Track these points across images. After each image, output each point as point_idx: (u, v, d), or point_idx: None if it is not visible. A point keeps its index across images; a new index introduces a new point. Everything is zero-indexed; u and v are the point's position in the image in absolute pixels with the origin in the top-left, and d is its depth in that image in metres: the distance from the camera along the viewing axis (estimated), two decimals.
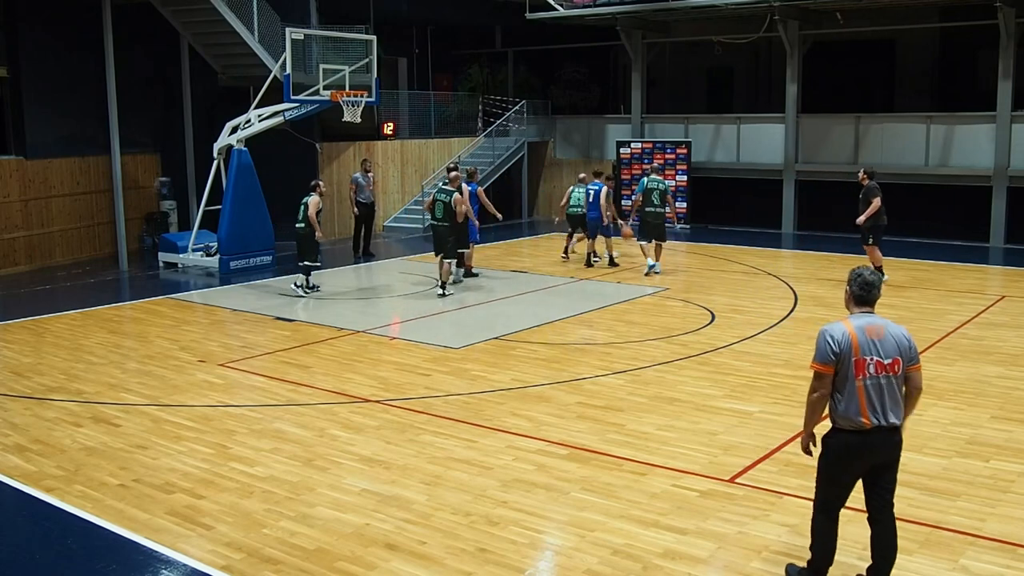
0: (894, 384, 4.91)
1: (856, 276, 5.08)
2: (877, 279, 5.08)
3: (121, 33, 16.90)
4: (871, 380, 4.85)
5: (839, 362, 4.87)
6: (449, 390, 9.10)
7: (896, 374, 4.90)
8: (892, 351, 4.90)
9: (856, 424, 4.88)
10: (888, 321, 5.02)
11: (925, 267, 16.00)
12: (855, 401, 4.85)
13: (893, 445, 5.00)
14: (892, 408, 4.90)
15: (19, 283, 15.64)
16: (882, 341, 4.89)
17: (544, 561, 5.72)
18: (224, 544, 5.83)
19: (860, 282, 5.04)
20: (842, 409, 4.90)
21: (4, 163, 16.70)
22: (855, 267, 5.19)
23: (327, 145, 20.29)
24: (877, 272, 5.18)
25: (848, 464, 4.99)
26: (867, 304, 5.03)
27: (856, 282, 5.05)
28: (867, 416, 4.85)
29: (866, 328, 4.92)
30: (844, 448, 4.95)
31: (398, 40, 23.44)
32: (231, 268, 16.17)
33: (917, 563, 5.44)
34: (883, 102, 22.19)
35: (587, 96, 26.90)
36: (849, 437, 4.92)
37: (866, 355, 4.85)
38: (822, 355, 4.91)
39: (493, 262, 16.54)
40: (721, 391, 8.93)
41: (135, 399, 8.96)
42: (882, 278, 5.11)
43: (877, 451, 4.96)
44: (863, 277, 5.05)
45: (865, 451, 4.94)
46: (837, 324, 4.97)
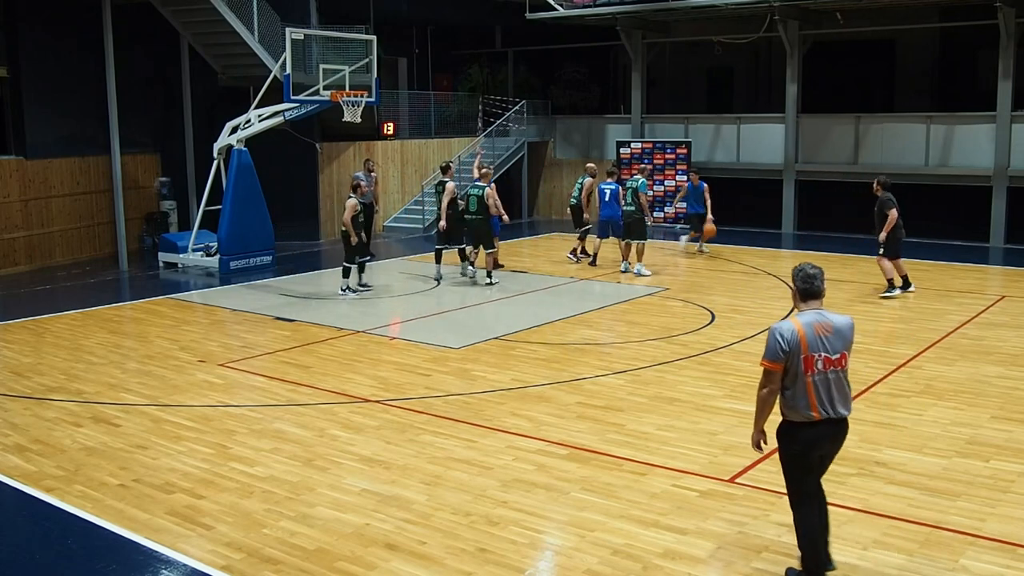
0: (841, 377, 5.09)
1: (798, 271, 5.16)
2: (819, 272, 5.14)
3: (121, 33, 16.90)
4: (819, 376, 5.02)
5: (788, 359, 4.99)
6: (449, 390, 9.10)
7: (843, 368, 5.09)
8: (840, 346, 5.07)
9: (806, 416, 5.04)
10: (835, 315, 5.15)
11: (925, 267, 15.98)
12: (804, 396, 5.02)
13: (840, 435, 5.20)
14: (840, 401, 5.09)
15: (19, 283, 15.64)
16: (830, 337, 5.04)
17: (544, 561, 5.72)
18: (224, 544, 5.83)
19: (802, 276, 5.12)
20: (792, 404, 5.06)
21: (4, 163, 16.69)
22: (797, 263, 5.24)
23: (327, 145, 20.29)
24: (819, 267, 5.20)
25: (806, 452, 5.14)
26: (813, 297, 5.11)
27: (799, 276, 5.14)
28: (816, 410, 5.02)
29: (815, 325, 5.03)
30: (796, 438, 5.11)
31: (398, 40, 23.43)
32: (231, 268, 16.17)
33: (917, 563, 5.44)
34: (883, 102, 22.20)
35: (587, 96, 26.90)
36: (801, 429, 5.09)
37: (814, 352, 5.00)
38: (772, 353, 5.02)
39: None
40: (721, 391, 8.93)
41: (135, 399, 8.96)
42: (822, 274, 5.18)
43: (826, 441, 5.15)
44: (804, 271, 5.13)
45: (817, 441, 5.11)
46: (786, 322, 5.06)
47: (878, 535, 5.80)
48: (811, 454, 5.14)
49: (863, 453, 7.21)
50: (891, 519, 6.04)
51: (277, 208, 17.23)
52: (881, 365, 9.70)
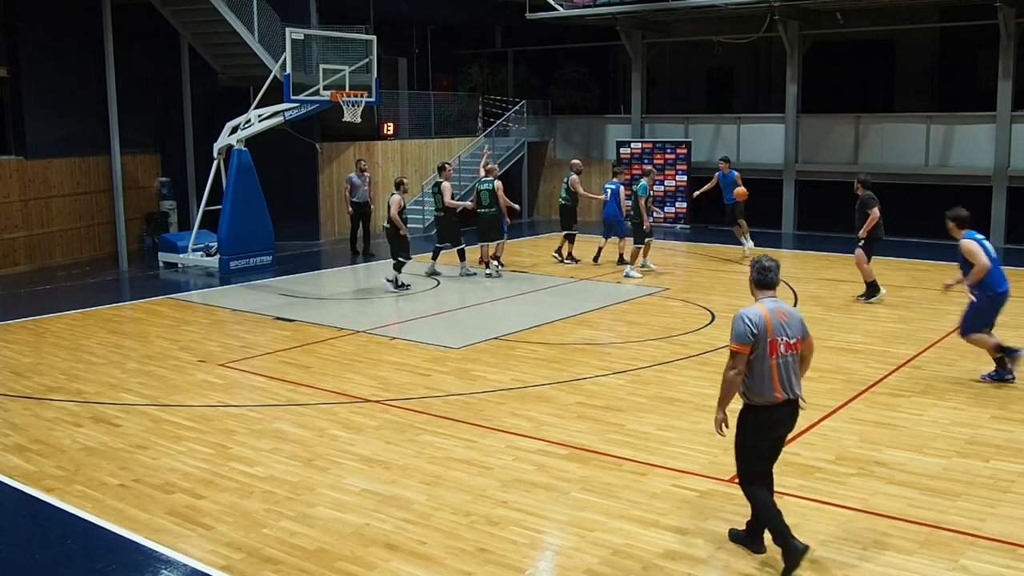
0: (796, 361, 5.44)
1: (754, 263, 5.54)
2: (774, 264, 5.49)
3: (121, 33, 16.90)
4: (781, 359, 5.33)
5: (756, 342, 5.27)
6: (449, 390, 9.10)
7: (798, 351, 5.43)
8: (796, 331, 5.42)
9: (769, 399, 5.31)
10: (789, 305, 5.59)
11: (925, 267, 15.99)
12: (769, 379, 5.29)
13: (795, 415, 5.50)
14: (796, 382, 5.42)
15: (19, 283, 15.64)
16: (788, 323, 5.39)
17: (544, 561, 5.72)
18: (224, 544, 5.83)
19: (758, 268, 5.50)
20: (756, 387, 5.31)
21: (4, 163, 16.69)
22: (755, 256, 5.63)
23: (327, 145, 20.28)
24: (775, 261, 5.55)
25: (764, 435, 5.43)
26: (768, 288, 5.49)
27: (755, 268, 5.52)
28: (779, 391, 5.31)
29: (776, 311, 5.39)
30: (760, 421, 5.38)
31: (398, 40, 23.43)
32: (231, 268, 16.17)
33: (917, 563, 5.44)
34: (883, 102, 22.20)
35: (587, 96, 26.90)
36: (763, 411, 5.35)
37: (778, 336, 5.33)
38: (740, 336, 5.29)
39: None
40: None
41: (135, 399, 8.96)
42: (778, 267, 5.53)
43: (786, 421, 5.45)
44: (760, 263, 5.50)
45: (777, 422, 5.41)
46: (753, 308, 5.38)
47: (878, 535, 5.80)
48: (772, 435, 5.45)
49: (863, 453, 7.21)
50: (891, 519, 6.03)
51: (277, 208, 17.23)
52: (881, 365, 9.70)
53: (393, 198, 14.14)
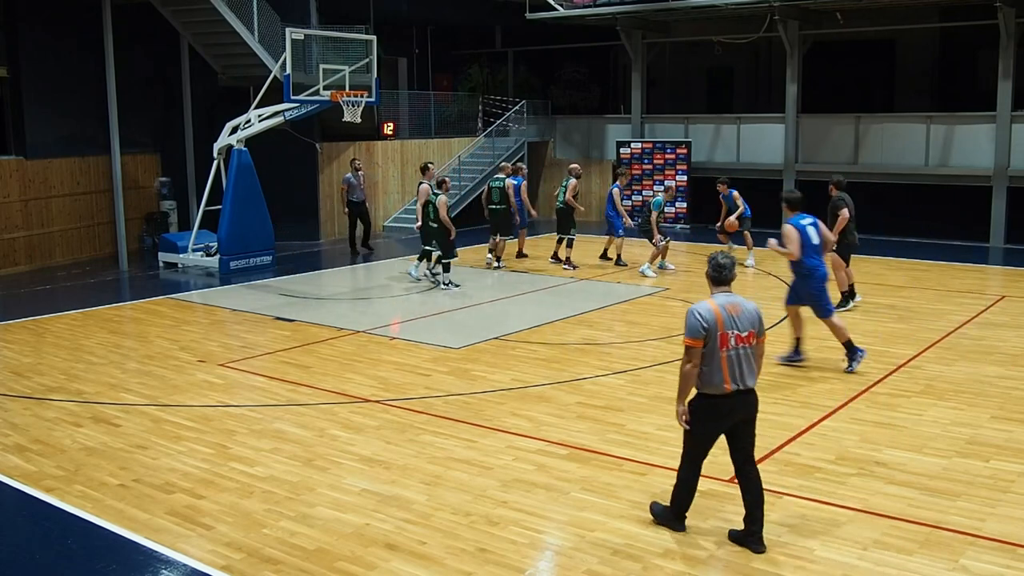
0: (749, 353, 5.63)
1: (710, 260, 5.81)
2: (729, 262, 5.75)
3: (121, 33, 16.90)
4: (732, 352, 5.56)
5: (707, 336, 5.53)
6: (449, 390, 9.10)
7: (751, 344, 5.63)
8: (747, 325, 5.63)
9: (720, 390, 5.56)
10: (742, 298, 5.75)
11: (925, 267, 15.99)
12: (719, 370, 5.54)
13: (750, 404, 5.70)
14: (748, 374, 5.62)
15: (19, 283, 15.64)
16: (739, 317, 5.61)
17: (544, 561, 5.72)
18: (224, 544, 5.83)
19: (713, 265, 5.77)
20: (708, 378, 5.57)
21: (4, 163, 16.69)
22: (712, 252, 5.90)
23: (327, 145, 20.29)
24: (731, 258, 5.82)
25: (714, 424, 5.69)
26: (723, 284, 5.75)
27: (711, 265, 5.79)
28: (728, 382, 5.55)
29: (727, 306, 5.63)
30: (711, 410, 5.64)
31: (398, 40, 23.43)
32: (231, 268, 16.17)
33: (917, 563, 5.44)
34: (883, 102, 22.19)
35: (587, 96, 26.90)
36: (714, 401, 5.61)
37: (728, 330, 5.56)
38: (693, 331, 5.56)
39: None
40: None
41: (135, 399, 8.96)
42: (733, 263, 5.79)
43: (738, 411, 5.66)
44: (716, 260, 5.78)
45: (728, 411, 5.63)
46: (704, 303, 5.64)
47: (878, 535, 5.80)
48: (723, 424, 5.67)
49: (863, 453, 7.21)
50: (891, 519, 6.04)
51: (277, 208, 17.24)
52: (881, 365, 9.70)
53: (440, 199, 14.06)
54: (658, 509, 6.01)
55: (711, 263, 5.79)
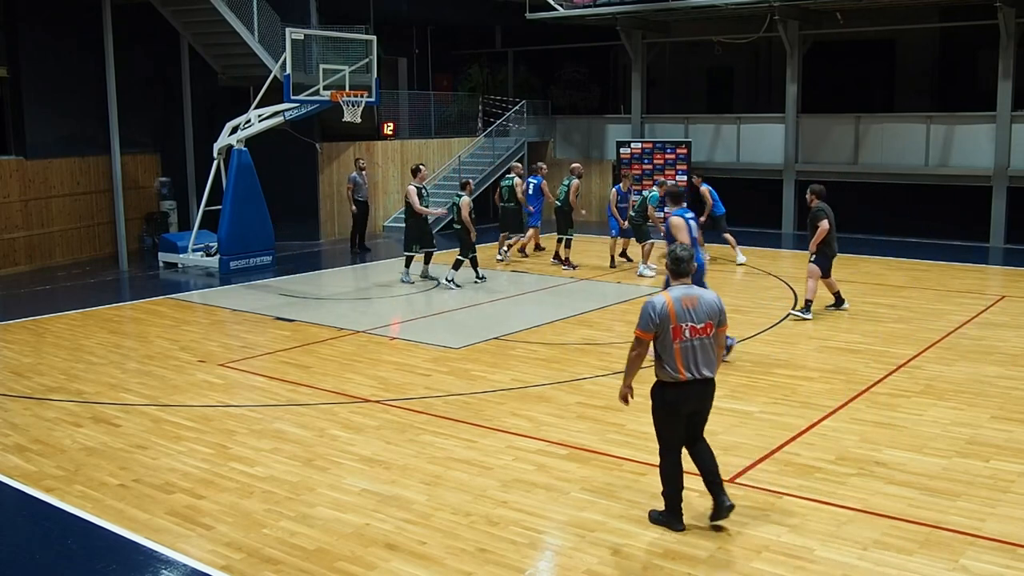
0: (707, 344, 5.80)
1: (669, 253, 6.02)
2: (688, 254, 5.94)
3: (121, 33, 16.90)
4: (686, 343, 5.74)
5: (659, 329, 5.73)
6: (449, 390, 9.10)
7: (708, 335, 5.80)
8: (704, 317, 5.79)
9: (675, 378, 5.77)
10: (703, 290, 5.97)
11: (925, 267, 15.99)
12: (673, 360, 5.75)
13: (707, 394, 5.92)
14: (704, 364, 5.79)
15: (19, 283, 15.64)
16: (696, 309, 5.78)
17: (544, 561, 5.72)
18: (224, 544, 5.83)
19: (672, 258, 5.97)
20: (664, 367, 5.80)
21: (4, 163, 16.69)
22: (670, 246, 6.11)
23: (327, 145, 20.29)
24: (688, 251, 6.01)
25: (674, 409, 5.86)
26: (682, 276, 5.93)
27: (669, 258, 6.00)
28: (683, 371, 5.75)
29: (682, 299, 5.79)
30: (670, 397, 5.84)
31: (398, 40, 23.43)
32: (231, 268, 16.17)
33: (917, 563, 5.44)
34: (883, 102, 22.19)
35: (587, 96, 26.90)
36: (671, 388, 5.82)
37: (682, 322, 5.73)
38: (644, 324, 5.77)
39: (493, 262, 16.53)
40: (721, 391, 8.85)
41: (135, 399, 8.96)
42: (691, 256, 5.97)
43: (694, 399, 5.86)
44: (674, 254, 5.97)
45: (684, 399, 5.83)
46: (658, 297, 5.83)
47: (878, 535, 5.80)
48: (680, 410, 5.85)
49: (863, 453, 7.21)
50: (891, 519, 6.04)
51: (277, 208, 17.23)
52: (881, 365, 9.70)
53: (463, 200, 14.27)
54: (655, 515, 6.09)
55: (671, 256, 5.99)
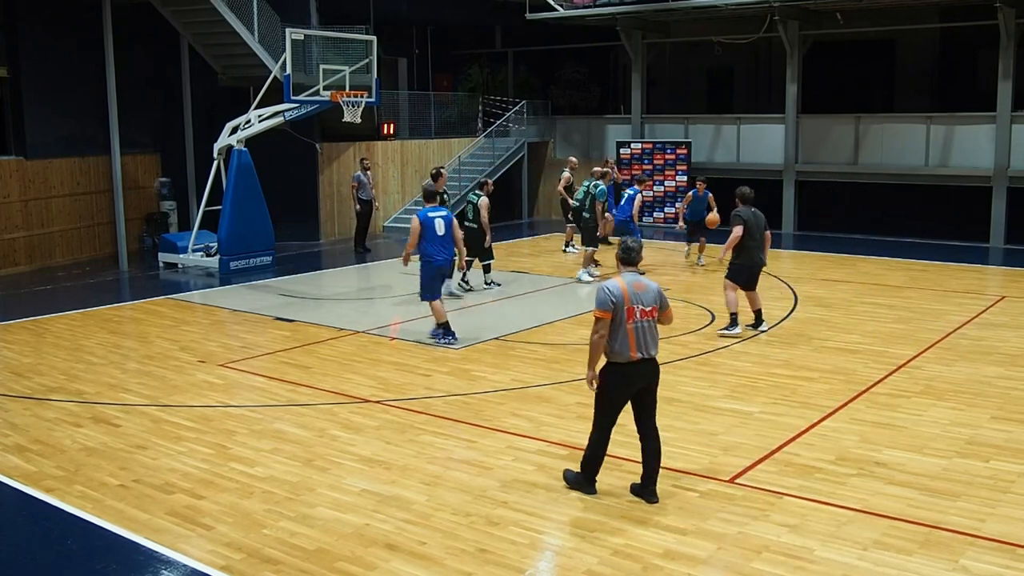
0: (653, 325, 6.37)
1: (621, 243, 6.54)
2: (638, 245, 6.49)
3: (121, 33, 16.90)
4: (637, 324, 6.23)
5: (615, 310, 6.20)
6: (449, 390, 9.10)
7: (654, 318, 6.36)
8: (651, 301, 6.33)
9: (627, 357, 6.22)
10: (646, 278, 6.48)
11: (924, 267, 16.00)
12: (626, 340, 6.21)
13: (653, 371, 6.40)
14: (651, 344, 6.32)
15: (19, 283, 15.64)
16: (644, 293, 6.31)
17: (544, 561, 5.72)
18: (224, 544, 5.83)
19: (623, 248, 6.48)
20: (617, 347, 6.23)
21: (4, 163, 16.69)
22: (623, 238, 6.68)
23: (327, 145, 20.29)
24: (640, 240, 6.60)
25: (622, 389, 6.34)
26: (630, 264, 6.45)
27: (621, 249, 6.50)
28: (635, 351, 6.22)
29: (633, 284, 6.32)
30: (619, 376, 6.30)
31: (398, 40, 23.43)
32: (231, 268, 16.17)
33: (917, 563, 5.44)
34: (883, 102, 22.20)
35: (587, 96, 26.90)
36: (622, 368, 6.27)
37: (634, 304, 6.25)
38: (603, 304, 6.23)
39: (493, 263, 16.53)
40: (721, 391, 8.93)
41: (135, 399, 8.96)
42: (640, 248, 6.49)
43: (643, 376, 6.34)
44: (626, 244, 6.49)
45: (634, 377, 6.31)
46: (612, 281, 6.34)
47: (878, 535, 5.80)
48: (629, 388, 6.33)
49: (863, 453, 7.22)
50: (891, 519, 6.04)
51: (277, 208, 17.23)
52: (881, 365, 9.70)
53: (482, 200, 13.89)
54: (570, 475, 6.62)
55: (622, 247, 6.48)
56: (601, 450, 6.45)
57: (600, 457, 6.47)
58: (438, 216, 10.67)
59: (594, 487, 6.49)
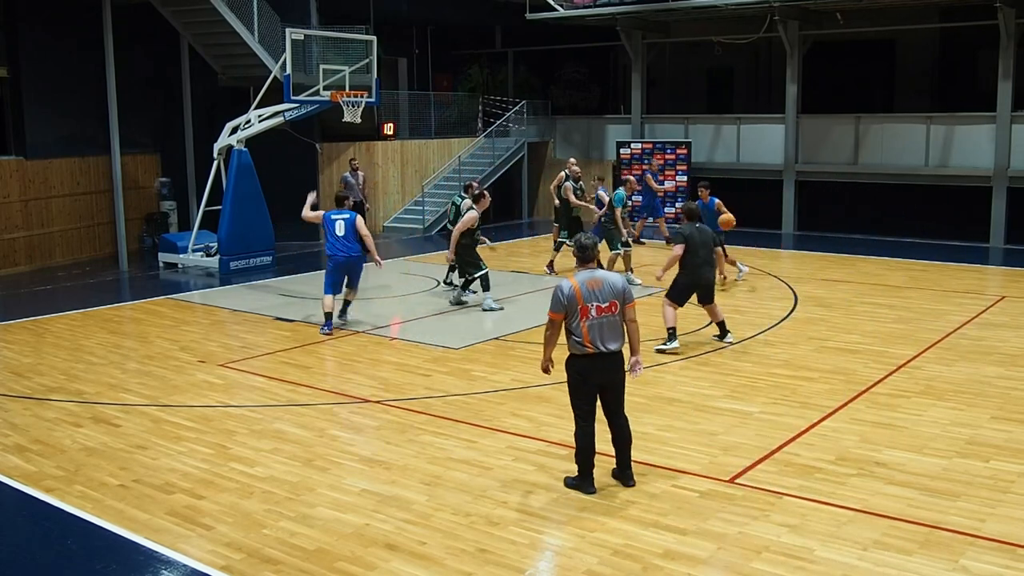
0: (615, 321, 6.44)
1: (575, 241, 6.65)
2: (592, 242, 6.61)
3: (121, 33, 16.90)
4: (592, 321, 6.38)
5: (568, 309, 6.37)
6: (449, 390, 9.10)
7: (614, 313, 6.43)
8: (609, 296, 6.41)
9: (583, 351, 6.43)
10: (607, 273, 6.64)
11: (924, 267, 15.99)
12: (581, 336, 6.40)
13: (613, 365, 6.50)
14: (610, 339, 6.42)
15: (19, 283, 15.64)
16: (600, 290, 6.41)
17: (544, 561, 5.72)
18: (224, 544, 5.83)
19: (579, 246, 6.61)
20: (575, 342, 6.45)
21: (4, 163, 16.70)
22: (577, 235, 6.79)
23: (327, 145, 20.30)
24: (594, 237, 6.75)
25: (585, 379, 6.50)
26: (587, 262, 6.58)
27: (576, 246, 6.63)
28: (590, 345, 6.40)
29: (587, 282, 6.42)
30: (580, 368, 6.50)
31: (398, 40, 23.43)
32: (231, 268, 16.18)
33: (917, 563, 5.44)
34: (883, 102, 22.19)
35: (587, 96, 26.90)
36: (581, 360, 6.48)
37: (588, 302, 6.37)
38: (555, 305, 6.44)
39: (493, 263, 16.51)
40: (721, 391, 8.93)
41: (135, 399, 8.96)
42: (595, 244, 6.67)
43: (602, 369, 6.47)
44: (580, 242, 6.61)
45: (594, 370, 6.46)
46: (566, 281, 6.47)
47: (878, 535, 5.80)
48: (590, 380, 6.48)
49: (863, 453, 7.21)
50: (891, 519, 6.04)
51: (277, 208, 17.23)
52: (881, 365, 9.70)
53: (464, 203, 13.31)
54: (569, 481, 6.64)
55: (577, 244, 6.61)
56: (584, 441, 6.51)
57: (587, 449, 6.52)
58: (340, 218, 11.55)
59: (592, 485, 6.51)
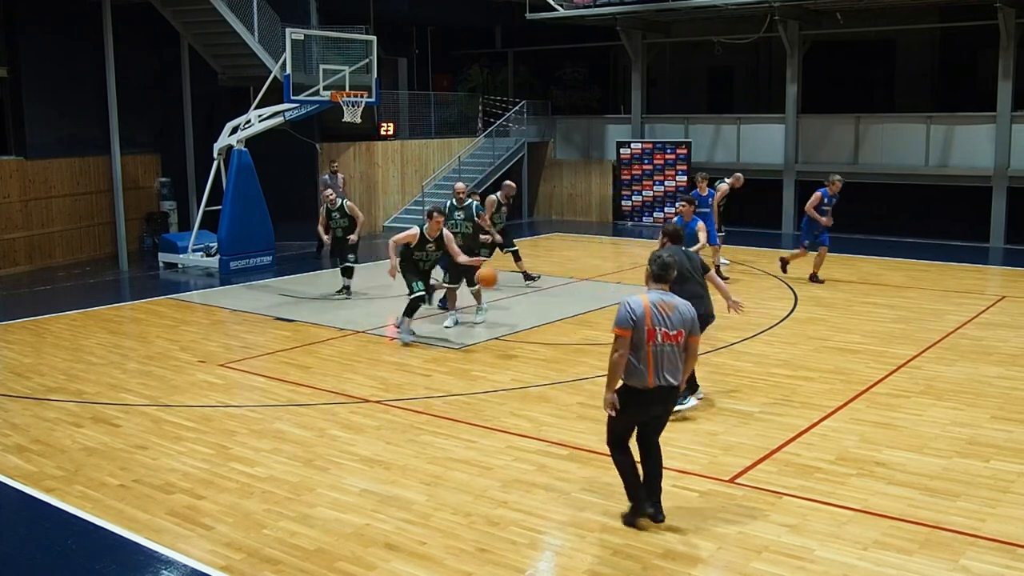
0: (676, 351, 5.85)
1: (656, 258, 6.00)
2: (672, 261, 6.02)
3: (121, 33, 16.90)
4: (657, 347, 5.76)
5: (635, 328, 5.74)
6: (449, 390, 9.10)
7: (678, 343, 5.83)
8: (678, 324, 5.82)
9: (643, 383, 5.78)
10: (678, 298, 5.97)
11: (924, 267, 15.99)
12: (644, 364, 5.76)
13: (669, 400, 5.96)
14: (671, 371, 5.82)
15: (19, 283, 15.64)
16: (670, 315, 5.81)
17: (544, 561, 5.72)
18: (224, 544, 5.83)
19: (659, 263, 5.96)
20: (633, 370, 5.79)
21: (4, 163, 16.70)
22: (654, 251, 6.17)
23: (327, 145, 20.29)
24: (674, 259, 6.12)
25: (635, 413, 5.91)
26: (663, 282, 5.96)
27: (656, 263, 5.97)
28: (652, 378, 5.77)
29: (659, 303, 5.84)
30: (633, 401, 5.84)
31: (398, 40, 23.44)
32: (231, 268, 16.17)
33: (917, 563, 5.44)
34: (883, 102, 22.19)
35: (587, 96, 26.90)
36: (636, 393, 5.82)
37: (656, 325, 5.77)
38: (622, 321, 5.77)
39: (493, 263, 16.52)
40: (721, 391, 8.93)
41: (135, 399, 8.96)
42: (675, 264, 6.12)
43: (657, 405, 5.91)
44: (661, 259, 5.97)
45: (648, 404, 5.88)
46: (636, 297, 5.86)
47: (878, 535, 5.80)
48: (644, 415, 5.93)
49: (863, 453, 7.21)
50: (891, 519, 6.03)
51: (277, 208, 17.23)
52: (881, 365, 9.69)
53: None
54: (628, 519, 6.04)
55: (656, 262, 5.97)
56: (630, 470, 6.00)
57: (633, 475, 5.99)
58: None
59: (643, 507, 5.99)
